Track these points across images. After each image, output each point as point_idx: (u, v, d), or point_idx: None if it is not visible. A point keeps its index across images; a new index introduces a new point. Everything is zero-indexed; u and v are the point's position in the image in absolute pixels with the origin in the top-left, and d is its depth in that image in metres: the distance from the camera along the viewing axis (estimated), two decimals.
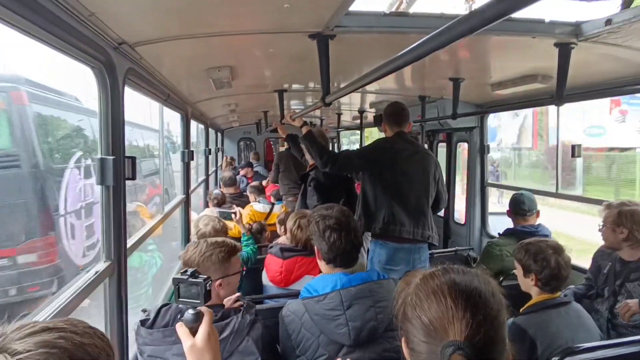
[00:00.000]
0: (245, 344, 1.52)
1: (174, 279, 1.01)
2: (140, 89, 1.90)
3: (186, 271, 1.02)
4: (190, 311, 1.01)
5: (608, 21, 1.70)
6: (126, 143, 1.62)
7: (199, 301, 1.00)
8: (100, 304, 1.62)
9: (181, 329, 1.01)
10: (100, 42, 1.35)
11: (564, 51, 1.98)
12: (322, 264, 1.76)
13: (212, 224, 2.76)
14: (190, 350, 1.00)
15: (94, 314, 1.77)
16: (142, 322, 1.54)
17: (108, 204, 1.50)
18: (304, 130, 2.85)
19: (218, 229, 2.76)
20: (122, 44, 1.48)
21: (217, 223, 2.78)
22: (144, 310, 1.66)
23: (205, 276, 1.01)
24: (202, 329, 1.00)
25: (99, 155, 1.47)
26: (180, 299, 1.02)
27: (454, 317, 0.77)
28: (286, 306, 1.70)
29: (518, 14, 1.88)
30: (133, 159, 1.61)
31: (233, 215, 3.25)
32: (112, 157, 1.47)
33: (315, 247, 1.76)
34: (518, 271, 1.96)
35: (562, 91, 2.12)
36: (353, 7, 1.66)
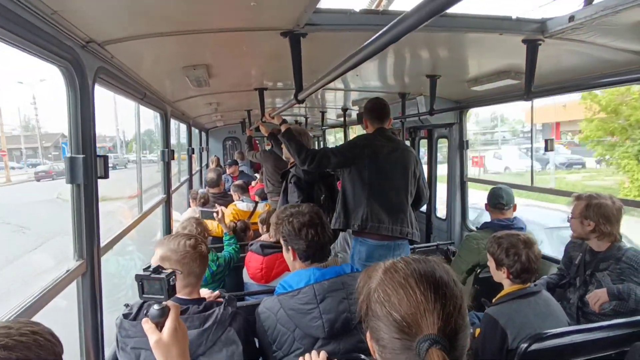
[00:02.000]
0: (227, 334, 1.56)
1: (137, 276, 1.00)
2: (113, 87, 1.89)
3: (149, 267, 1.02)
4: (156, 306, 1.01)
5: (571, 17, 1.76)
6: None
7: (162, 296, 1.00)
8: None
9: (147, 325, 1.01)
10: (65, 41, 1.34)
11: (532, 47, 2.04)
12: (296, 264, 1.77)
13: (190, 228, 2.73)
14: (156, 345, 1.00)
15: None
16: (125, 316, 1.55)
17: (79, 202, 1.50)
18: (283, 128, 2.85)
19: (198, 233, 2.72)
20: (90, 43, 1.48)
21: (194, 228, 2.75)
22: (127, 305, 1.66)
23: (169, 271, 1.01)
24: (168, 323, 1.00)
25: (68, 154, 1.46)
26: (144, 295, 1.01)
27: (426, 310, 0.77)
28: (262, 303, 1.72)
29: (486, 11, 1.95)
30: (105, 157, 1.61)
31: (215, 215, 3.25)
32: (82, 156, 1.47)
33: (290, 249, 1.75)
34: (490, 263, 2.02)
35: (531, 86, 2.18)
36: (328, 5, 1.69)
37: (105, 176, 1.61)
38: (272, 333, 1.65)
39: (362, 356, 1.59)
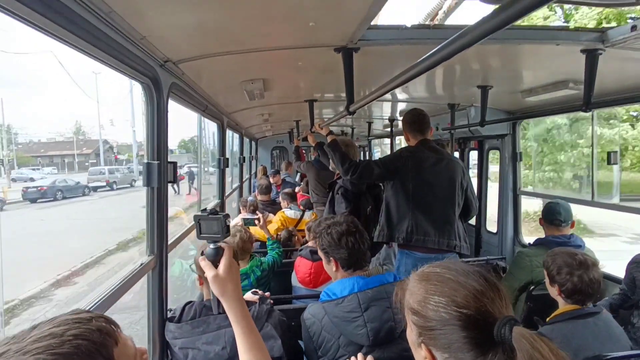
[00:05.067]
0: (265, 329, 1.65)
1: (195, 216, 1.09)
2: (181, 101, 2.09)
3: (205, 209, 1.10)
4: (212, 246, 1.09)
5: (634, 27, 1.70)
6: None
7: (219, 235, 1.08)
8: None
9: (204, 262, 1.10)
10: (149, 61, 1.53)
11: (591, 57, 1.98)
12: (338, 274, 1.80)
13: (240, 234, 2.82)
14: (214, 279, 1.08)
15: None
16: (170, 319, 1.70)
17: (153, 204, 1.68)
18: (329, 138, 2.95)
19: (245, 239, 2.82)
20: (167, 62, 1.67)
21: (244, 234, 2.84)
22: (170, 310, 1.80)
23: (225, 213, 1.10)
24: (224, 261, 1.09)
25: (146, 160, 1.65)
26: (201, 235, 1.09)
27: (492, 298, 0.80)
28: (307, 309, 1.78)
29: (541, 22, 1.92)
30: (174, 164, 1.78)
31: (256, 222, 3.39)
32: (157, 162, 1.65)
33: (332, 259, 1.79)
34: (546, 277, 1.95)
35: (590, 97, 2.10)
36: (383, 20, 1.76)
37: (174, 181, 1.78)
38: (318, 339, 1.70)
39: None
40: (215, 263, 1.09)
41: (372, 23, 1.68)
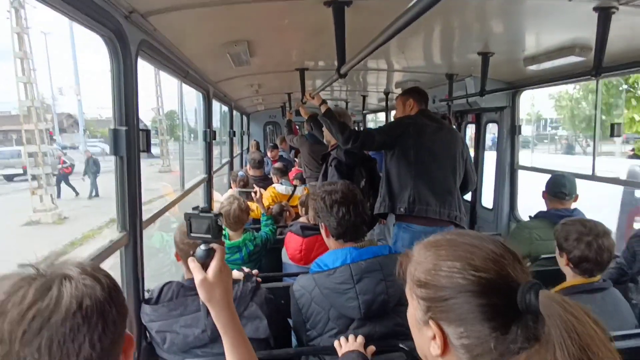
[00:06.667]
0: (250, 309, 1.57)
1: (186, 214, 0.99)
2: (155, 62, 1.90)
3: (197, 207, 1.00)
4: (202, 247, 0.99)
5: None
6: None
7: (209, 236, 0.98)
8: None
9: (193, 264, 1.00)
10: (109, 10, 1.34)
11: (604, 16, 1.81)
12: (330, 241, 1.75)
13: (237, 202, 2.74)
14: (202, 283, 0.98)
15: None
16: (146, 301, 1.59)
17: (122, 175, 1.53)
18: (323, 108, 2.81)
19: (243, 208, 2.75)
20: (132, 13, 1.47)
21: (242, 203, 2.76)
22: (147, 290, 1.69)
23: (217, 212, 0.99)
24: (214, 263, 0.99)
25: (112, 126, 1.48)
26: (192, 234, 1.00)
27: (510, 261, 0.72)
28: (296, 281, 1.70)
29: None
30: (147, 131, 1.62)
31: (253, 195, 3.28)
32: (124, 128, 1.48)
33: (322, 225, 1.75)
34: (555, 247, 1.85)
35: (601, 62, 1.95)
36: None
37: (147, 150, 1.62)
38: (307, 312, 1.63)
39: (401, 344, 1.52)
40: (205, 265, 0.98)
41: None
